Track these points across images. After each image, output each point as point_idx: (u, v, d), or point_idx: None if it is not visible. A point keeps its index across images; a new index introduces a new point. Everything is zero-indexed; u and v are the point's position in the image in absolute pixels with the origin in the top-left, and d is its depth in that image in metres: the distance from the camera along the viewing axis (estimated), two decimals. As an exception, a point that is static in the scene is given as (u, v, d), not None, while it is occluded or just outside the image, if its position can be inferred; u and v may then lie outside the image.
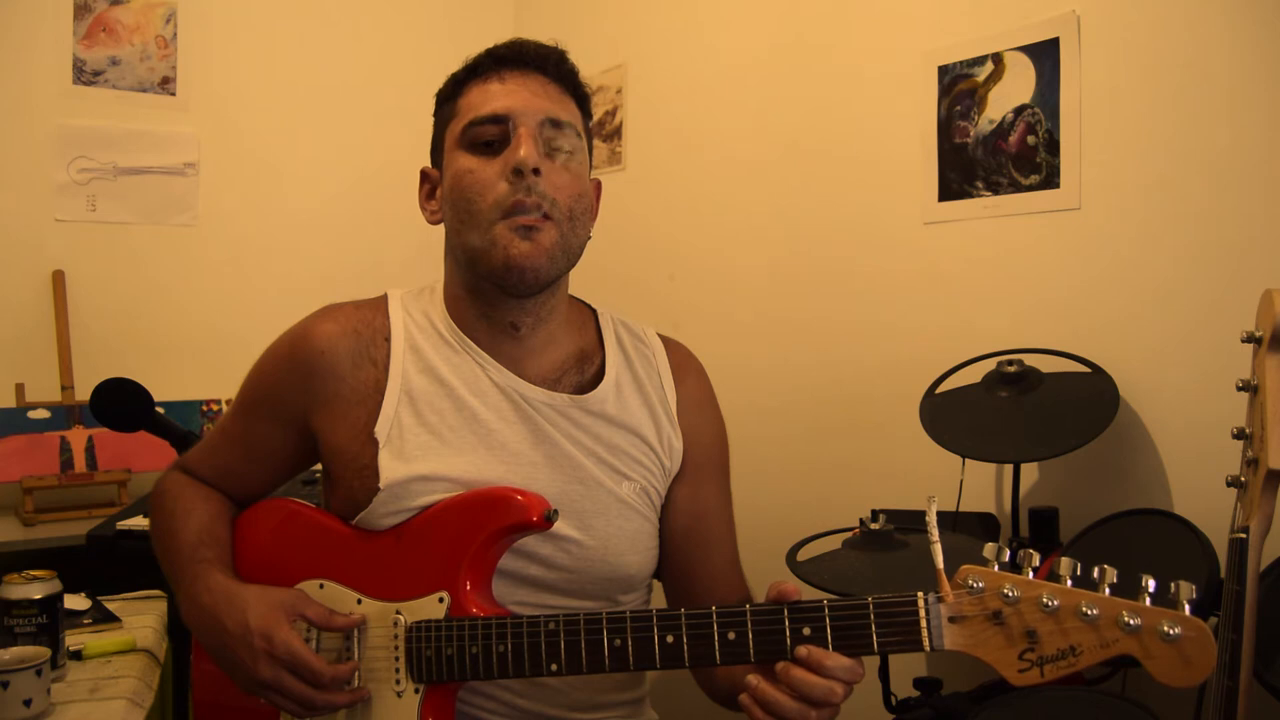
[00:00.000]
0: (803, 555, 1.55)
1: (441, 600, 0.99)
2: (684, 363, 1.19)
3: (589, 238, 1.11)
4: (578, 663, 0.93)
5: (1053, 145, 1.70)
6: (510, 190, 1.02)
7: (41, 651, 1.23)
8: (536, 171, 1.01)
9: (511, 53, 1.08)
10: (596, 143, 2.75)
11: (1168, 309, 1.56)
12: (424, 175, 1.15)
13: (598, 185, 1.16)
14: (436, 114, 1.13)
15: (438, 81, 1.13)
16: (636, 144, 2.68)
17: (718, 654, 0.89)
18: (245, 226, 2.72)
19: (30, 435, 2.32)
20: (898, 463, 1.94)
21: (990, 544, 0.85)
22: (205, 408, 2.51)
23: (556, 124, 1.06)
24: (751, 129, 2.31)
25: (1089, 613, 0.79)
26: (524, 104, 1.04)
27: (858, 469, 2.04)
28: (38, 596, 1.33)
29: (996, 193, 1.80)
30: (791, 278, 2.21)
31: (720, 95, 2.39)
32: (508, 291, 1.05)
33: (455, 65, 1.12)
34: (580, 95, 1.12)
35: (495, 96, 1.05)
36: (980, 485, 1.78)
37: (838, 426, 2.09)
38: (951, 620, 0.83)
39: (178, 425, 1.49)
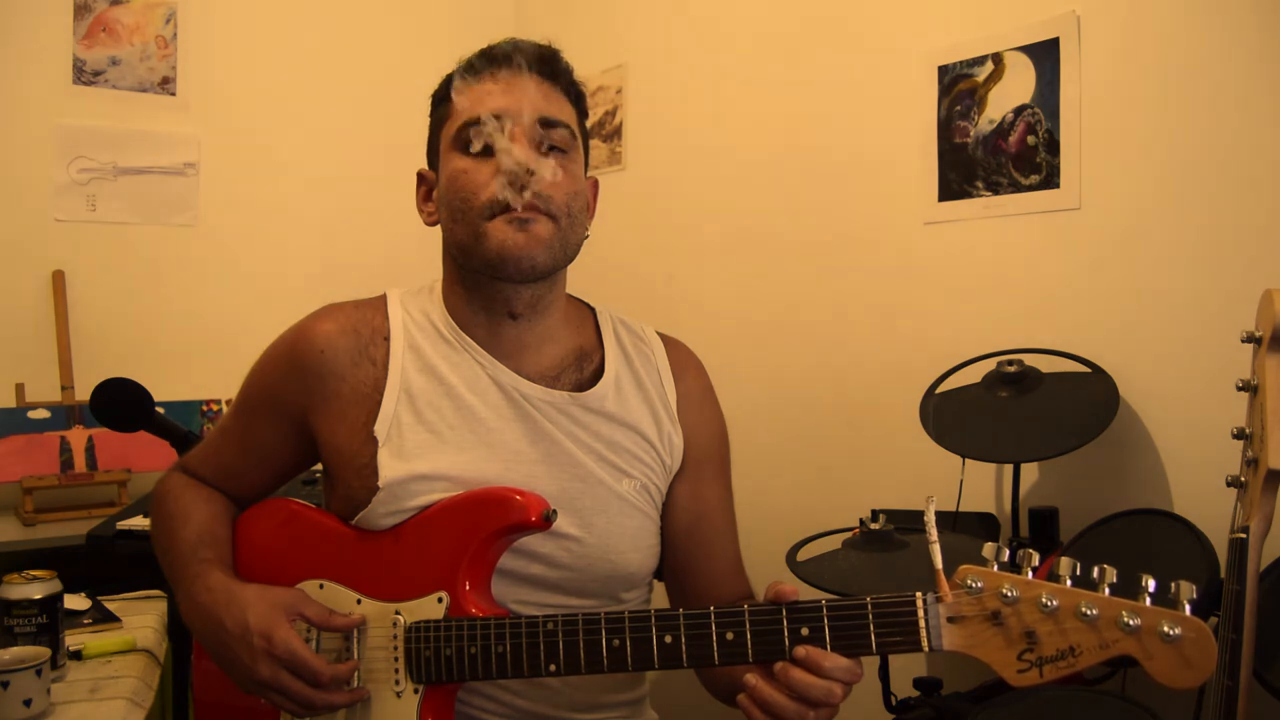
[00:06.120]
0: (803, 555, 1.55)
1: (441, 600, 0.99)
2: (683, 360, 1.19)
3: (587, 236, 1.11)
4: (576, 663, 0.93)
5: (1053, 145, 1.70)
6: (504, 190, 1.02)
7: (41, 651, 1.23)
8: (530, 172, 1.01)
9: (505, 53, 1.08)
10: (596, 143, 2.75)
11: (1168, 309, 1.56)
12: (420, 177, 1.15)
13: (595, 184, 1.16)
14: (432, 115, 1.13)
15: (438, 81, 1.13)
16: (636, 144, 2.68)
17: (716, 654, 0.89)
18: (245, 226, 2.72)
19: (30, 435, 2.31)
20: (898, 463, 1.94)
21: (989, 544, 0.85)
22: (205, 408, 2.51)
23: (550, 123, 1.06)
24: (751, 129, 2.31)
25: (1088, 613, 0.79)
26: (517, 104, 1.04)
27: (858, 469, 2.04)
28: (38, 596, 1.33)
29: (996, 193, 1.80)
30: (791, 278, 2.20)
31: (720, 95, 2.39)
32: (502, 279, 1.05)
33: (455, 65, 1.12)
34: (575, 94, 1.12)
35: (489, 97, 1.05)
36: (980, 485, 1.78)
37: (838, 426, 2.09)
38: (950, 620, 0.83)
39: (178, 425, 1.49)
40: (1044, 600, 0.80)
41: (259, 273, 2.71)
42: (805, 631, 0.87)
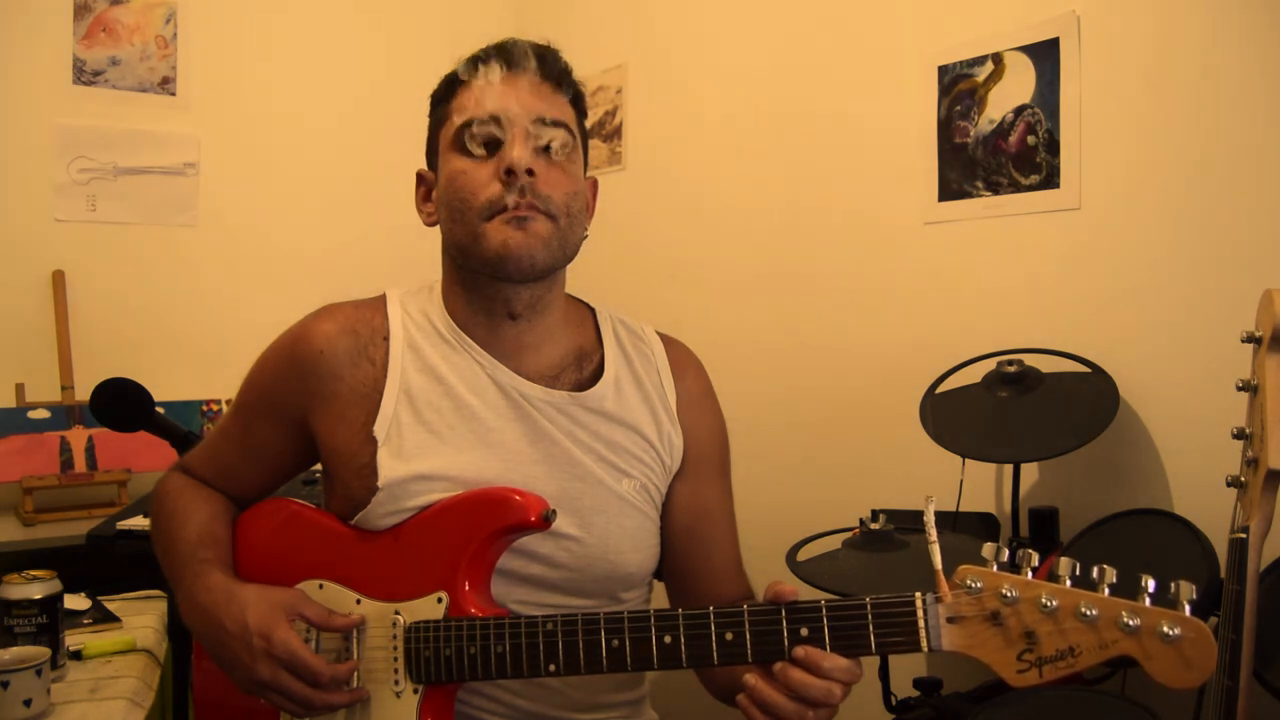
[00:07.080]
0: (803, 555, 1.55)
1: (440, 600, 0.99)
2: (683, 360, 1.19)
3: (586, 235, 1.11)
4: (576, 663, 0.92)
5: (1053, 145, 1.70)
6: (503, 191, 1.02)
7: (41, 651, 1.23)
8: (530, 172, 1.02)
9: (503, 52, 1.08)
10: (596, 142, 2.75)
11: (1168, 309, 1.56)
12: (420, 177, 1.15)
13: (594, 184, 1.16)
14: (431, 116, 1.13)
15: (437, 81, 1.13)
16: (636, 144, 2.68)
17: (715, 654, 0.89)
18: (245, 226, 2.72)
19: (30, 435, 2.31)
20: (898, 463, 1.94)
21: (989, 544, 0.85)
22: (205, 408, 2.51)
23: (549, 123, 1.06)
24: (751, 129, 2.31)
25: (1088, 613, 0.79)
26: (516, 104, 1.04)
27: (858, 469, 2.04)
28: (38, 596, 1.33)
29: (996, 193, 1.80)
30: (791, 277, 2.20)
31: (720, 95, 2.39)
32: (501, 278, 1.05)
33: (454, 66, 1.12)
34: (574, 93, 1.11)
35: (487, 98, 1.05)
36: (980, 485, 1.77)
37: (838, 426, 2.09)
38: (950, 621, 0.83)
39: (178, 425, 1.49)
40: (1044, 600, 0.80)
41: (259, 273, 2.71)
42: (805, 632, 0.87)
